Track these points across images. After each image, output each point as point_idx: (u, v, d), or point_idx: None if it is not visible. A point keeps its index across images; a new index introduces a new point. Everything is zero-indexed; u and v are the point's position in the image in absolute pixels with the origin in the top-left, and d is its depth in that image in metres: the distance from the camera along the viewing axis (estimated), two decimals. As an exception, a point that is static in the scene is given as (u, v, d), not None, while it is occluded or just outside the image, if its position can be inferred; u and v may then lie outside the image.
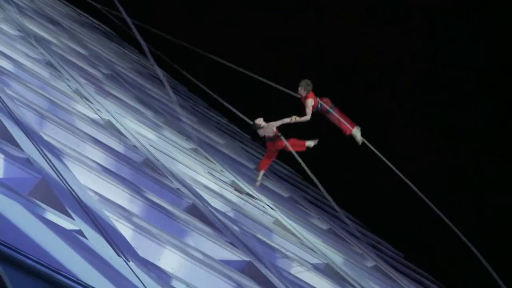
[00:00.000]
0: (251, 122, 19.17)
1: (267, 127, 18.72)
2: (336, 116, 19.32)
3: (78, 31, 27.61)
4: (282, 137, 18.84)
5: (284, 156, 31.61)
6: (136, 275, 7.99)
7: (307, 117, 18.71)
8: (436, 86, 45.61)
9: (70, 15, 32.03)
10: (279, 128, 18.87)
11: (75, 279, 7.02)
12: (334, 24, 44.32)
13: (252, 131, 19.67)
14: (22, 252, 6.89)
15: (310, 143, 19.46)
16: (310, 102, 18.64)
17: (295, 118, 18.66)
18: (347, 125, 19.51)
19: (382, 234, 26.60)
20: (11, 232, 7.24)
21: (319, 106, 19.10)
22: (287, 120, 18.83)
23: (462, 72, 44.16)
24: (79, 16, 34.77)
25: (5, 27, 18.05)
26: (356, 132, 19.58)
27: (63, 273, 6.98)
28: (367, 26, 46.26)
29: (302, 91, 18.72)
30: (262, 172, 19.08)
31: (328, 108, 19.15)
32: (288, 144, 18.98)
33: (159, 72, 15.94)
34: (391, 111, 43.61)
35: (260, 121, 18.71)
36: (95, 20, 36.93)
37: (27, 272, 6.76)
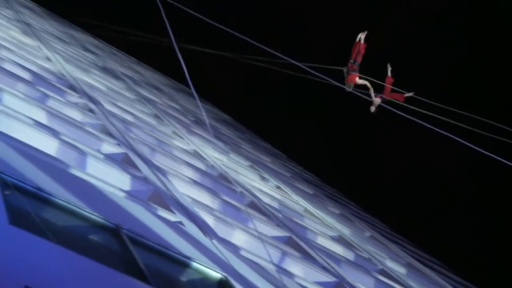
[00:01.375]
0: (372, 110, 16.44)
1: (376, 104, 16.30)
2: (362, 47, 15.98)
3: (172, 93, 27.83)
4: (381, 96, 16.42)
5: (308, 163, 31.18)
6: (217, 248, 8.05)
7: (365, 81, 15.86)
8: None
9: (167, 84, 32.27)
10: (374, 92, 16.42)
11: (178, 252, 7.08)
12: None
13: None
14: (145, 237, 6.97)
15: (389, 70, 16.41)
16: (357, 80, 15.82)
17: (370, 86, 16.01)
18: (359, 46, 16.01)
19: (375, 213, 25.83)
20: (138, 224, 7.33)
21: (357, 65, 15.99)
22: (371, 91, 16.25)
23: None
24: (173, 83, 34.94)
25: (127, 94, 18.26)
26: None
27: (171, 249, 7.05)
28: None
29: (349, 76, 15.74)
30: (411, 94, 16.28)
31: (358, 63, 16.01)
32: (386, 96, 16.36)
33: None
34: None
35: (373, 109, 16.41)
36: (182, 85, 36.92)
37: (149, 250, 6.81)
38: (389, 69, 17.10)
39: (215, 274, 7.08)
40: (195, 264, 6.99)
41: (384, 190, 36.34)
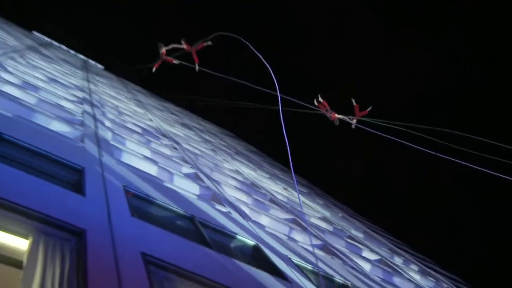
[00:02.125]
0: (353, 127, 11.75)
1: (354, 122, 11.95)
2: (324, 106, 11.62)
3: (222, 136, 27.47)
4: (355, 118, 12.10)
5: (304, 172, 29.53)
6: (251, 227, 7.91)
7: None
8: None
9: (218, 130, 31.79)
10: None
11: (228, 230, 6.97)
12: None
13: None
14: (209, 221, 6.86)
15: (353, 102, 11.84)
16: (336, 116, 12.49)
17: (346, 118, 11.81)
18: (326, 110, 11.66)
19: (343, 202, 23.57)
20: (204, 214, 7.22)
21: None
22: (346, 119, 12.31)
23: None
24: (222, 130, 34.31)
25: (196, 138, 18.16)
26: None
27: (224, 228, 6.95)
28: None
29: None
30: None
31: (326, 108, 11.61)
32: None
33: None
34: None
35: (353, 126, 12.38)
36: (226, 130, 35.80)
37: (211, 229, 6.72)
38: (353, 100, 13.88)
39: (251, 242, 6.98)
40: (238, 237, 6.93)
41: (385, 191, 30.07)
